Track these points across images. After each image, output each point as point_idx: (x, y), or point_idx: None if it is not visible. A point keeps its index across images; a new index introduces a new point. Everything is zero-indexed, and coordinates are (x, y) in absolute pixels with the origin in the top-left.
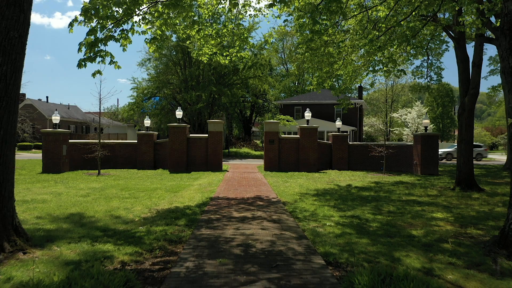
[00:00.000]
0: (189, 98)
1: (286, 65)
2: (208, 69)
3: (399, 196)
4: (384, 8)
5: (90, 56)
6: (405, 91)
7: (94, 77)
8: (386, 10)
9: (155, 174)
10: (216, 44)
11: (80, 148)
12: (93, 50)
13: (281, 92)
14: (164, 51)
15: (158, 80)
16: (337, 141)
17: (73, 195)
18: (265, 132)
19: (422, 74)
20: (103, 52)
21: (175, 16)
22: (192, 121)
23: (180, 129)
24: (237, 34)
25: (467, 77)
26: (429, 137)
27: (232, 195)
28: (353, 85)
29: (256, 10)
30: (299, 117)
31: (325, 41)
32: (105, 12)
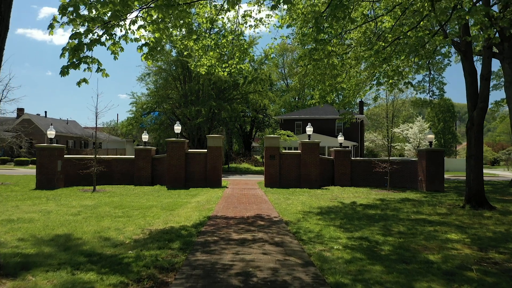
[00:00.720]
0: (189, 113)
1: (286, 80)
2: (208, 83)
3: (407, 214)
4: (390, 19)
5: (73, 62)
6: (406, 106)
7: (80, 86)
8: (391, 20)
9: (152, 191)
10: (215, 55)
11: (76, 164)
12: (77, 56)
13: (282, 107)
14: (164, 66)
15: (157, 95)
16: (340, 157)
17: (63, 214)
18: (266, 147)
19: (424, 89)
20: (89, 59)
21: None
22: (192, 136)
23: (179, 144)
24: (237, 45)
25: (475, 91)
26: (434, 153)
27: (231, 214)
28: (355, 99)
29: (256, 20)
30: (299, 132)
31: (328, 52)
32: (90, 13)
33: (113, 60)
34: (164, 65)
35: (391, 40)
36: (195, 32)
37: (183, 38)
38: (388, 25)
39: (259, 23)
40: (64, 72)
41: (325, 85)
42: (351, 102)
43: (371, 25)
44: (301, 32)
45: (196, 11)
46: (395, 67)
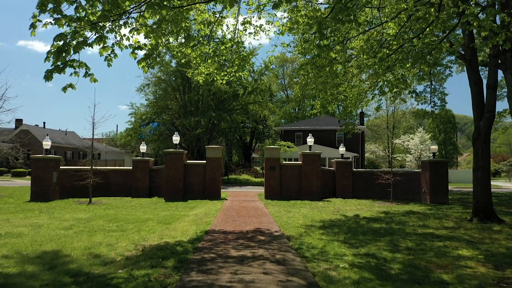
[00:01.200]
0: (188, 123)
1: (286, 91)
2: (207, 94)
3: (413, 228)
4: (394, 26)
5: (58, 66)
6: (406, 117)
7: (65, 92)
8: (396, 27)
9: (150, 203)
10: (213, 62)
11: (72, 175)
12: (62, 59)
13: (282, 118)
14: (163, 76)
15: (156, 105)
16: (341, 168)
17: (54, 228)
18: (266, 159)
19: (426, 100)
20: (76, 62)
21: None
22: (191, 147)
23: (177, 155)
24: (236, 51)
25: (481, 100)
26: (438, 164)
27: (230, 228)
28: (357, 109)
29: (256, 27)
30: (299, 143)
31: (331, 59)
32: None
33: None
34: (164, 76)
35: (395, 48)
36: (192, 38)
37: (181, 46)
38: (392, 32)
39: (259, 30)
40: (48, 77)
41: (326, 94)
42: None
43: (374, 34)
44: (303, 38)
45: (194, 17)
46: (399, 75)
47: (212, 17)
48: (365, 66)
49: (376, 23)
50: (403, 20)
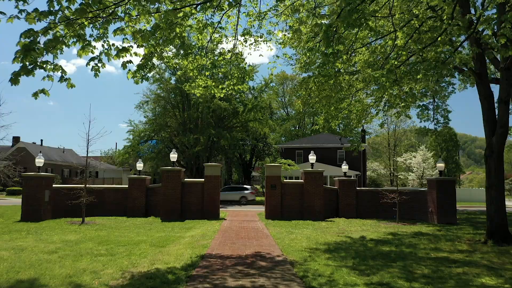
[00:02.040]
0: (187, 141)
1: (287, 108)
2: (207, 111)
3: (426, 252)
4: (403, 35)
5: (25, 66)
6: (407, 135)
7: (36, 98)
8: (404, 37)
9: (145, 223)
10: (211, 74)
11: (65, 194)
12: (30, 58)
13: (282, 136)
14: (162, 94)
15: (155, 123)
16: (344, 187)
17: (38, 251)
18: (266, 177)
19: (429, 117)
20: (49, 64)
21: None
22: (190, 165)
23: (174, 173)
24: (235, 63)
25: (492, 116)
26: (445, 182)
27: (228, 252)
28: (361, 125)
29: (257, 37)
30: (300, 161)
31: (337, 70)
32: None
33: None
34: (163, 93)
35: (404, 58)
36: (187, 46)
37: (177, 56)
38: (400, 43)
39: (259, 40)
40: (14, 80)
41: (330, 109)
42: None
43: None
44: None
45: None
46: (407, 88)
47: (210, 27)
48: (371, 79)
49: (383, 32)
50: (412, 29)
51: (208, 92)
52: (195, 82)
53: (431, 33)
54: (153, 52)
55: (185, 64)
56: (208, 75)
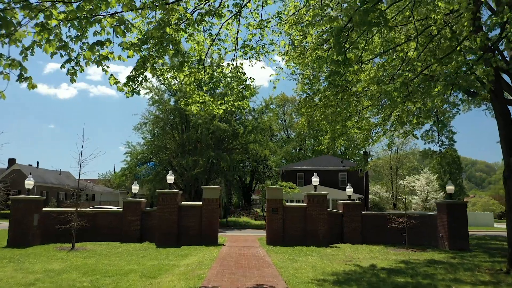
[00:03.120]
0: (186, 163)
1: (287, 131)
2: (206, 133)
3: (447, 284)
4: (418, 45)
5: None
6: (410, 158)
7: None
8: (419, 47)
9: (139, 249)
10: (209, 90)
11: (54, 218)
12: None
13: (282, 158)
14: (161, 115)
15: (153, 144)
16: (349, 210)
17: (13, 284)
18: (267, 200)
19: (433, 139)
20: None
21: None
22: (189, 188)
23: (171, 196)
24: (235, 75)
25: (509, 133)
26: (456, 206)
27: (227, 284)
28: (368, 145)
29: (258, 47)
30: (301, 184)
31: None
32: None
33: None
34: (162, 114)
35: (420, 70)
36: (182, 55)
37: (171, 69)
38: (413, 55)
39: (261, 50)
40: None
41: (335, 128)
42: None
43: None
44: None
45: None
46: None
47: (208, 39)
48: (382, 92)
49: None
50: (427, 39)
51: (205, 108)
52: (192, 98)
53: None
54: (145, 62)
55: (181, 78)
56: (205, 90)
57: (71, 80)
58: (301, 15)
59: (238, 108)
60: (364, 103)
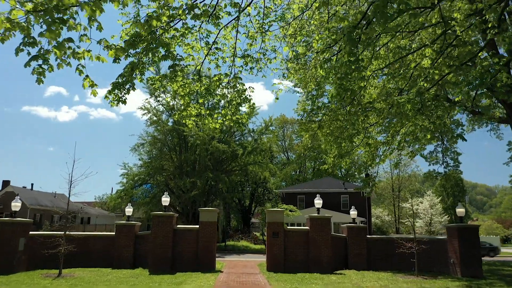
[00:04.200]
0: (183, 185)
1: (287, 153)
2: (205, 154)
3: None
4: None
5: None
6: (412, 180)
7: None
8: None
9: (130, 276)
10: (205, 103)
11: (42, 242)
12: None
13: (282, 181)
14: (159, 136)
15: (151, 166)
16: (353, 234)
17: None
18: (268, 223)
19: (437, 160)
20: None
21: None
22: (186, 211)
23: (166, 219)
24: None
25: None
26: (468, 230)
27: None
28: (375, 165)
29: (259, 53)
30: (302, 207)
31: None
32: None
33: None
34: (160, 135)
35: (437, 78)
36: (174, 57)
37: (164, 78)
38: (426, 64)
39: (262, 58)
40: None
41: (341, 144)
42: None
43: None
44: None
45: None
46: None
47: (205, 49)
48: (395, 105)
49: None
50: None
51: (201, 122)
52: (187, 111)
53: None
54: (133, 69)
55: (175, 89)
56: (201, 102)
57: (37, 81)
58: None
59: (236, 122)
60: (371, 120)
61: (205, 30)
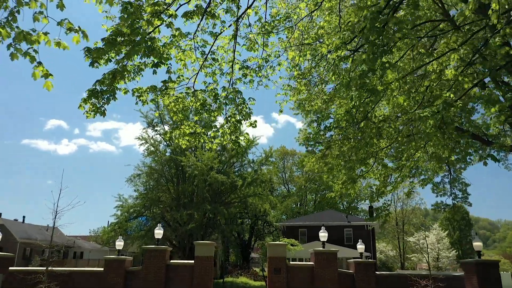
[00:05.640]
0: (180, 217)
1: (287, 185)
2: (203, 185)
3: None
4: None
5: None
6: (416, 213)
7: None
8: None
9: None
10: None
11: (22, 279)
12: None
13: (283, 214)
14: (156, 167)
15: (146, 197)
16: (361, 270)
17: None
18: (269, 258)
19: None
20: None
21: None
22: (182, 245)
23: (158, 253)
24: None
25: None
26: (487, 266)
27: None
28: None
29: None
30: (304, 241)
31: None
32: None
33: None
34: (157, 166)
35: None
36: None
37: (153, 90)
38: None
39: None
40: None
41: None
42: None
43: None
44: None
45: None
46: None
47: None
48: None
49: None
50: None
51: (196, 141)
52: (180, 129)
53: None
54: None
55: (166, 104)
56: (197, 120)
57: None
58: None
59: (236, 142)
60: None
61: (202, 40)
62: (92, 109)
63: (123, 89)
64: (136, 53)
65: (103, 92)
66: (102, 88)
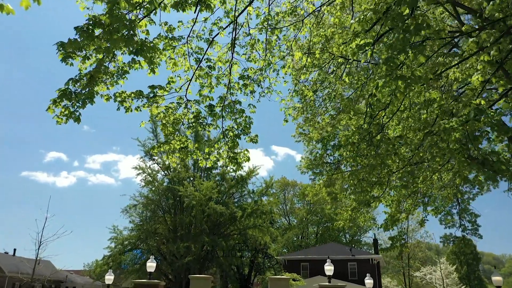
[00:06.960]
0: (176, 249)
1: (288, 217)
2: (201, 216)
3: None
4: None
5: None
6: (421, 247)
7: None
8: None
9: None
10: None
11: None
12: None
13: (284, 247)
14: (153, 197)
15: (142, 229)
16: None
17: None
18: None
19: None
20: None
21: None
22: (179, 279)
23: (149, 287)
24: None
25: None
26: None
27: None
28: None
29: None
30: (306, 276)
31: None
32: None
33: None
34: (154, 196)
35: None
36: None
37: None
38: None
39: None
40: None
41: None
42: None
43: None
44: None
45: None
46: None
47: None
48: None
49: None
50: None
51: (188, 157)
52: (169, 144)
53: None
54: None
55: (154, 113)
56: (190, 134)
57: None
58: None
59: (233, 159)
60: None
61: (197, 47)
62: (64, 114)
63: (105, 96)
64: (117, 44)
65: (78, 95)
66: (77, 89)
